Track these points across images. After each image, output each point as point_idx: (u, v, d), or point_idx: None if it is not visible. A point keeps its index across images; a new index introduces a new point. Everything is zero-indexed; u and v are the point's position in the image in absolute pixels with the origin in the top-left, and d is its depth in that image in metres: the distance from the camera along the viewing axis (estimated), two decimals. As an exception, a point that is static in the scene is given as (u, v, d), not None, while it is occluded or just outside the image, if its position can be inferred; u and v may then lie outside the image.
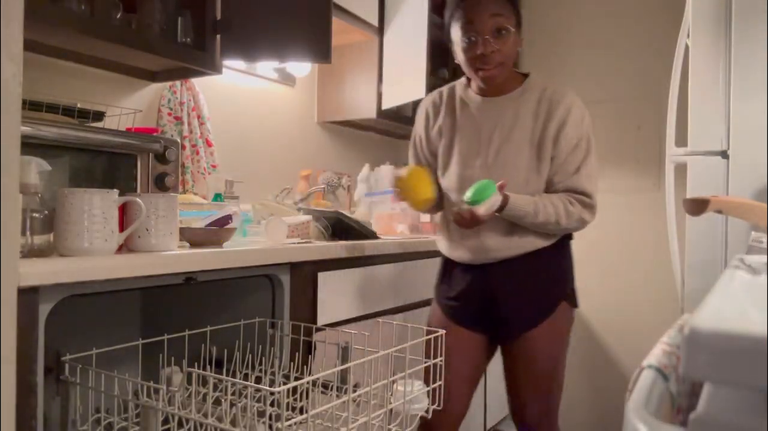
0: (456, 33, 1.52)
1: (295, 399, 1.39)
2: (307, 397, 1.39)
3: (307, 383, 1.34)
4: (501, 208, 1.47)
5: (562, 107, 1.54)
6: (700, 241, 1.86)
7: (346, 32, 2.42)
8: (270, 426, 1.32)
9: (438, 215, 1.79)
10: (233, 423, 1.15)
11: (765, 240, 1.12)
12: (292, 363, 1.48)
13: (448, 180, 1.62)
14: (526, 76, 1.61)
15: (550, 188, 1.56)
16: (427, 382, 1.40)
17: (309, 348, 1.50)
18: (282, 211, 1.84)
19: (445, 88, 1.69)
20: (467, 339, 1.64)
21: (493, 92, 1.59)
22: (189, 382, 1.29)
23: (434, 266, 2.12)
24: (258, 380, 1.46)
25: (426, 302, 2.07)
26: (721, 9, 1.84)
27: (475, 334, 1.64)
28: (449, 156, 1.63)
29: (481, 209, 1.42)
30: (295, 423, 1.04)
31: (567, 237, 1.64)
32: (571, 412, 2.63)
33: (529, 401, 1.63)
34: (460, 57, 1.54)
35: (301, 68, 2.45)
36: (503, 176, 1.50)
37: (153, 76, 1.93)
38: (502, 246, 1.56)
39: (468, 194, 1.43)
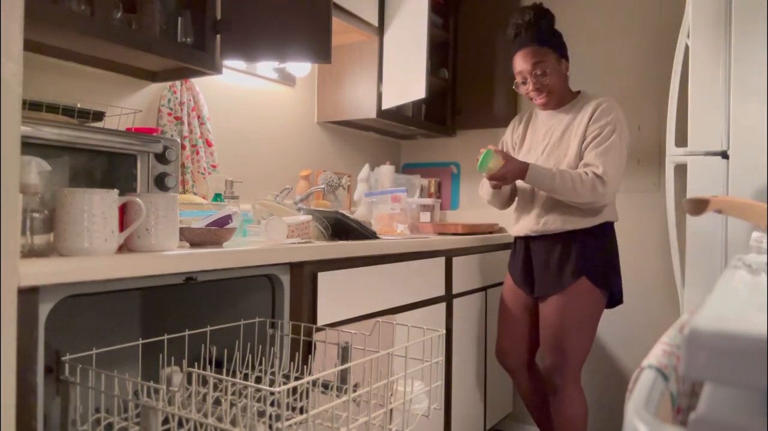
0: (515, 73, 2.11)
1: (295, 399, 1.39)
2: (307, 397, 1.39)
3: (307, 383, 1.34)
4: (524, 173, 1.95)
5: (595, 107, 2.01)
6: (700, 241, 1.86)
7: (346, 32, 2.42)
8: (270, 426, 1.32)
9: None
10: (233, 423, 1.15)
11: (765, 240, 1.12)
12: (292, 363, 1.48)
13: None
14: (578, 93, 2.13)
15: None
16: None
17: (309, 348, 1.50)
18: (282, 211, 1.84)
19: (517, 116, 2.31)
20: (519, 296, 2.20)
21: (552, 107, 2.12)
22: (189, 382, 1.29)
23: (434, 266, 2.12)
24: (258, 380, 1.46)
25: (426, 302, 2.07)
26: (721, 9, 1.84)
27: (523, 293, 2.18)
28: (519, 154, 2.19)
29: (489, 173, 1.97)
30: (295, 423, 1.04)
31: (604, 226, 2.03)
32: (571, 412, 2.63)
33: (545, 354, 2.10)
34: (520, 90, 2.12)
35: (301, 68, 2.45)
36: (556, 165, 2.03)
37: (153, 76, 1.93)
38: (535, 226, 2.07)
39: (478, 167, 1.95)
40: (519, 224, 2.17)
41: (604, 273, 2.03)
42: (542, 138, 2.12)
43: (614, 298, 2.10)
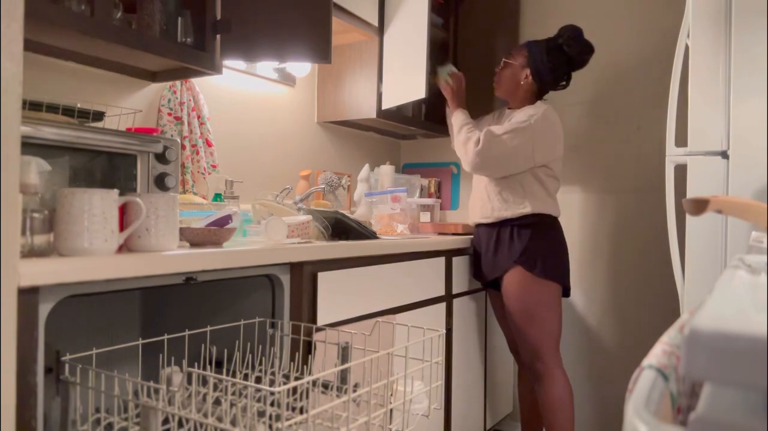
0: None
1: (295, 399, 1.39)
2: (307, 397, 1.39)
3: (307, 383, 1.34)
4: (455, 106, 2.30)
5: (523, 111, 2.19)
6: (700, 241, 1.86)
7: (346, 32, 2.42)
8: (270, 426, 1.32)
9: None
10: (233, 423, 1.15)
11: (765, 240, 1.12)
12: (292, 363, 1.48)
13: None
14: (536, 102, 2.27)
15: None
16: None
17: (309, 348, 1.50)
18: (282, 211, 1.84)
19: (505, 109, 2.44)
20: (494, 298, 2.38)
21: (512, 107, 2.31)
22: (189, 382, 1.29)
23: (434, 266, 2.12)
24: (258, 380, 1.46)
25: (426, 302, 2.07)
26: (721, 9, 1.84)
27: (496, 292, 2.34)
28: None
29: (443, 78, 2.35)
30: (295, 423, 1.04)
31: (535, 217, 2.16)
32: (571, 412, 2.63)
33: (519, 344, 2.22)
34: None
35: (301, 68, 2.45)
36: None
37: (153, 76, 1.93)
38: (478, 213, 2.27)
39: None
40: (471, 213, 2.36)
41: (537, 260, 2.13)
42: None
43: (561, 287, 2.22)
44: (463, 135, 2.19)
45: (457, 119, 2.27)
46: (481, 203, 2.25)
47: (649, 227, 2.61)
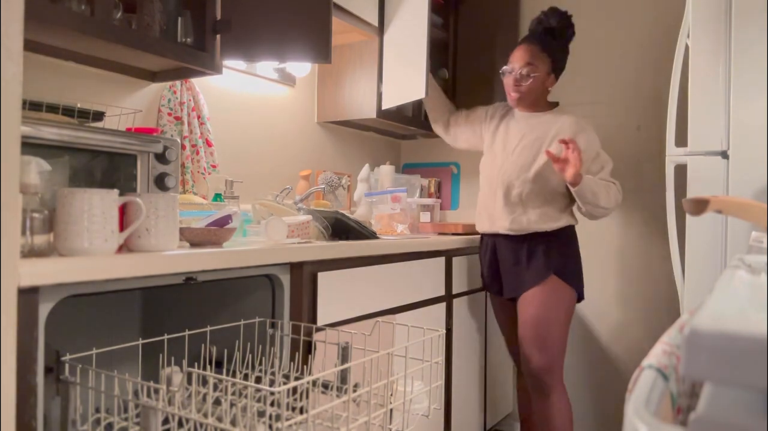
0: (509, 60, 2.17)
1: (295, 399, 1.39)
2: (307, 397, 1.39)
3: (307, 383, 1.34)
4: (580, 178, 1.94)
5: (576, 128, 2.09)
6: (700, 241, 1.86)
7: (346, 32, 2.42)
8: (270, 426, 1.32)
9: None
10: (233, 423, 1.15)
11: (765, 240, 1.12)
12: (292, 363, 1.48)
13: (482, 163, 2.28)
14: (556, 104, 2.22)
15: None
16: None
17: (309, 348, 1.50)
18: (282, 211, 1.84)
19: (501, 103, 2.35)
20: (494, 298, 2.32)
21: (523, 109, 2.20)
22: (189, 382, 1.29)
23: (434, 266, 2.12)
24: (258, 380, 1.46)
25: (426, 302, 2.07)
26: (721, 9, 1.84)
27: (502, 299, 2.25)
28: (490, 145, 2.26)
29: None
30: (295, 423, 1.04)
31: (565, 229, 2.12)
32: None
33: (529, 355, 2.10)
34: (504, 77, 2.18)
35: (301, 68, 2.45)
36: (514, 167, 2.12)
37: (153, 76, 1.93)
38: (505, 223, 2.12)
39: None
40: (485, 221, 2.22)
41: (572, 271, 2.12)
42: (514, 137, 2.18)
43: (579, 296, 2.20)
44: (605, 189, 2.03)
45: (591, 181, 2.00)
46: (513, 215, 2.11)
47: (649, 227, 2.61)
